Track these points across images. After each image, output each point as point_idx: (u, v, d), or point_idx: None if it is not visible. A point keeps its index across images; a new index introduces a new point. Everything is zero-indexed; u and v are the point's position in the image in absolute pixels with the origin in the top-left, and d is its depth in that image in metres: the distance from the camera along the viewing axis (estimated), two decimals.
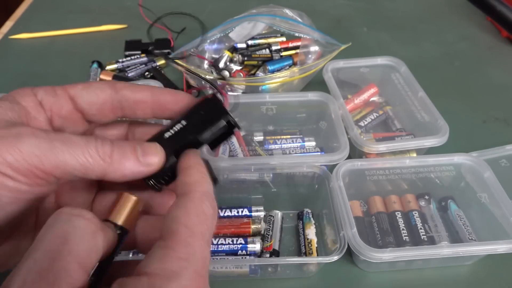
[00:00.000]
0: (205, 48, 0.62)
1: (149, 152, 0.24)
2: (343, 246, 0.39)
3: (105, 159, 0.22)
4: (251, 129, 0.57)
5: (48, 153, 0.21)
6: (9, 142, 0.20)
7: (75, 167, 0.22)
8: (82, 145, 0.22)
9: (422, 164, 0.47)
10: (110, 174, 0.23)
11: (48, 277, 0.17)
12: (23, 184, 0.21)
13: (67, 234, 0.19)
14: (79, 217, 0.20)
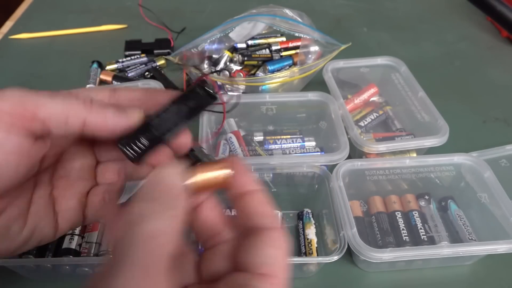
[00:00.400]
0: (205, 48, 0.62)
1: (129, 108, 0.25)
2: (343, 246, 0.39)
3: (85, 104, 0.23)
4: (251, 129, 0.57)
5: (30, 98, 0.22)
6: None
7: (55, 111, 0.23)
8: (63, 94, 0.23)
9: (422, 164, 0.47)
10: (91, 122, 0.23)
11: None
12: (9, 133, 0.22)
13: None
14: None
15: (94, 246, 0.42)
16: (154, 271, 0.16)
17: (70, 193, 0.28)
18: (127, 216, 0.18)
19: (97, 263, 0.40)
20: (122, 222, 0.18)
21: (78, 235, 0.43)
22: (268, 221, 0.20)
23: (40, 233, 0.26)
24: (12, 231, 0.25)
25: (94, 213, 0.28)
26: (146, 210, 0.18)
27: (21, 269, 0.41)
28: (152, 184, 0.19)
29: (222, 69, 0.63)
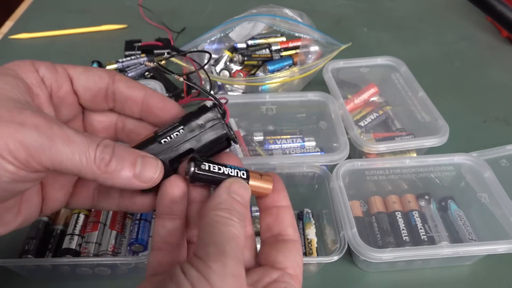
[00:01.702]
0: (205, 48, 0.62)
1: (149, 170, 0.24)
2: (343, 246, 0.39)
3: (100, 167, 0.23)
4: (251, 129, 0.57)
5: (47, 149, 0.21)
6: (13, 130, 0.21)
7: (69, 168, 0.22)
8: (82, 147, 0.22)
9: (422, 164, 0.47)
10: (100, 181, 0.23)
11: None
12: (21, 170, 0.21)
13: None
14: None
15: (94, 246, 0.42)
16: (242, 262, 0.21)
17: (59, 183, 0.27)
18: (214, 216, 0.22)
19: (97, 263, 0.40)
20: (210, 217, 0.23)
21: (78, 235, 0.43)
22: (296, 234, 0.27)
23: (29, 219, 0.26)
24: (6, 218, 0.25)
25: (78, 203, 0.28)
26: (230, 218, 0.23)
27: (21, 269, 0.41)
28: (229, 195, 0.24)
29: (222, 69, 0.63)
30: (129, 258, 0.40)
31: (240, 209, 0.24)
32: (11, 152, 0.21)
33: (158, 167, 0.25)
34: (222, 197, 0.24)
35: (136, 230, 0.43)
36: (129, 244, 0.43)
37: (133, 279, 0.43)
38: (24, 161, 0.21)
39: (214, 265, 0.20)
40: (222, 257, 0.20)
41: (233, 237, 0.22)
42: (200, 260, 0.20)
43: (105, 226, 0.44)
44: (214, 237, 0.21)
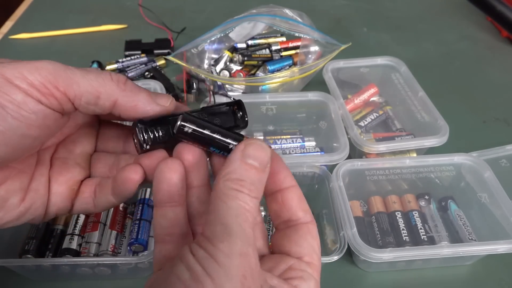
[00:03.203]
0: (205, 48, 0.62)
1: (162, 97, 0.25)
2: (343, 246, 0.39)
3: (119, 85, 0.23)
4: (251, 129, 0.57)
5: (63, 73, 0.22)
6: (28, 64, 0.22)
7: (87, 89, 0.23)
8: (97, 72, 0.23)
9: (422, 164, 0.47)
10: (121, 102, 0.24)
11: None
12: (33, 100, 0.22)
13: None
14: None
15: (94, 246, 0.42)
16: (252, 239, 0.20)
17: (63, 177, 0.27)
18: (223, 189, 0.21)
19: (97, 263, 0.40)
20: (218, 189, 0.21)
21: (78, 235, 0.43)
22: (308, 215, 0.24)
23: (33, 212, 0.26)
24: (9, 203, 0.25)
25: (81, 204, 0.28)
26: (240, 190, 0.21)
27: (21, 269, 0.41)
28: (243, 161, 0.22)
29: (222, 69, 0.63)
30: (129, 258, 0.40)
31: (254, 177, 0.21)
32: (26, 79, 0.21)
33: (170, 97, 0.25)
34: (234, 164, 0.22)
35: (136, 230, 0.43)
36: (129, 244, 0.43)
37: (133, 279, 0.43)
38: (40, 86, 0.22)
39: (220, 245, 0.19)
40: (228, 236, 0.19)
41: (241, 213, 0.20)
42: (207, 240, 0.20)
43: (105, 226, 0.44)
44: (221, 213, 0.20)
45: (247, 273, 0.19)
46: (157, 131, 0.25)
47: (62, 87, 0.22)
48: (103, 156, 0.29)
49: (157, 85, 0.54)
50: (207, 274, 0.19)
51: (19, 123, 0.22)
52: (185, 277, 0.19)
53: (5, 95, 0.21)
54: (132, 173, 0.25)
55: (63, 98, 0.22)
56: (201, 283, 0.18)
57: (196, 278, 0.19)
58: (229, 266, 0.19)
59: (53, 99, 0.22)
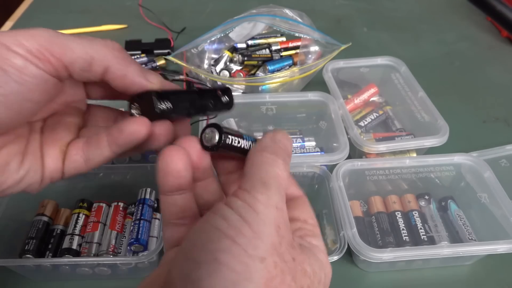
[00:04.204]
0: (205, 48, 0.62)
1: (151, 73, 0.26)
2: (343, 246, 0.39)
3: (113, 51, 0.24)
4: (251, 129, 0.57)
5: (58, 40, 0.23)
6: (24, 31, 0.23)
7: (81, 55, 0.24)
8: (91, 38, 0.24)
9: (422, 164, 0.47)
10: (113, 71, 0.25)
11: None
12: (32, 65, 0.22)
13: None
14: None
15: (94, 246, 0.42)
16: (283, 197, 0.22)
17: (53, 139, 0.28)
18: (261, 157, 0.23)
19: (97, 263, 0.40)
20: (256, 158, 0.23)
21: (78, 235, 0.43)
22: (300, 191, 0.27)
23: (31, 176, 0.26)
24: (10, 167, 0.25)
25: (72, 164, 0.28)
26: (275, 159, 0.23)
27: (21, 269, 0.41)
28: (273, 141, 0.24)
29: (222, 69, 0.63)
30: (129, 258, 0.40)
31: (284, 154, 0.24)
32: (23, 45, 0.22)
33: (159, 76, 0.26)
34: (268, 142, 0.24)
35: (136, 230, 0.43)
36: (129, 244, 0.43)
37: (133, 279, 0.43)
38: (37, 52, 0.22)
39: (259, 196, 0.20)
40: (267, 190, 0.21)
41: (277, 176, 0.22)
42: (246, 191, 0.21)
43: (105, 226, 0.44)
44: (260, 174, 0.22)
45: (281, 224, 0.20)
46: (167, 102, 0.25)
47: (57, 53, 0.23)
48: (93, 128, 0.30)
49: None
50: (244, 221, 0.19)
51: (21, 87, 0.23)
52: (223, 226, 0.19)
53: (6, 60, 0.22)
54: (141, 125, 0.25)
55: (59, 63, 0.23)
56: (239, 228, 0.19)
57: (234, 225, 0.19)
58: (267, 214, 0.20)
59: (49, 64, 0.23)
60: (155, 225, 0.45)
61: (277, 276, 0.19)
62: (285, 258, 0.20)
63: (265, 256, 0.19)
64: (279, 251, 0.19)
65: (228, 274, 0.18)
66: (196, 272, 0.18)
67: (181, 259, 0.20)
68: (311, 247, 0.23)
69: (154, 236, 0.44)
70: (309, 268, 0.21)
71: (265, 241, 0.19)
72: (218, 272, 0.18)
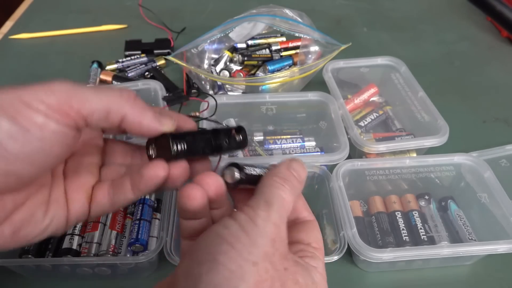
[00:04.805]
0: (205, 48, 0.62)
1: (165, 117, 0.28)
2: (343, 246, 0.39)
3: (128, 101, 0.26)
4: (251, 129, 0.57)
5: (76, 93, 0.24)
6: (43, 86, 0.24)
7: (99, 107, 0.25)
8: (107, 89, 0.25)
9: (422, 164, 0.47)
10: (129, 118, 0.26)
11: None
12: (52, 121, 0.23)
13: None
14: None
15: (94, 246, 0.42)
16: (285, 219, 0.24)
17: (78, 185, 0.29)
18: (271, 181, 0.25)
19: (97, 263, 0.40)
20: (267, 181, 0.26)
21: (78, 235, 0.43)
22: (311, 215, 0.29)
23: (56, 223, 0.28)
24: (36, 217, 0.26)
25: (98, 206, 0.29)
26: (283, 184, 0.25)
27: (21, 269, 0.41)
28: (288, 168, 0.27)
29: (222, 69, 0.63)
30: (129, 258, 0.40)
31: (295, 182, 0.26)
32: (43, 101, 0.23)
33: (173, 119, 0.28)
34: (281, 169, 0.26)
35: (136, 230, 0.43)
36: (129, 244, 0.43)
37: (133, 279, 0.43)
38: (57, 107, 0.23)
39: (260, 212, 0.23)
40: (269, 208, 0.23)
41: (281, 198, 0.25)
42: (249, 207, 0.23)
43: (105, 226, 0.44)
44: (265, 195, 0.24)
45: (277, 238, 0.23)
46: (183, 144, 0.27)
47: (76, 106, 0.24)
48: (113, 167, 0.31)
49: (157, 85, 0.53)
50: (243, 231, 0.22)
51: (42, 143, 0.23)
52: (224, 233, 0.22)
53: (27, 119, 0.23)
54: (159, 169, 0.28)
55: (78, 116, 0.24)
56: (238, 236, 0.22)
57: (233, 233, 0.22)
58: (264, 228, 0.22)
59: (69, 118, 0.24)
60: (155, 225, 0.45)
61: (267, 280, 0.21)
62: (277, 267, 0.22)
63: (257, 261, 0.21)
64: (271, 260, 0.22)
65: (224, 272, 0.21)
66: (197, 269, 0.21)
67: (186, 260, 0.23)
68: (308, 267, 0.25)
69: (154, 236, 0.44)
70: (301, 279, 0.23)
71: (259, 249, 0.22)
72: (216, 270, 0.21)
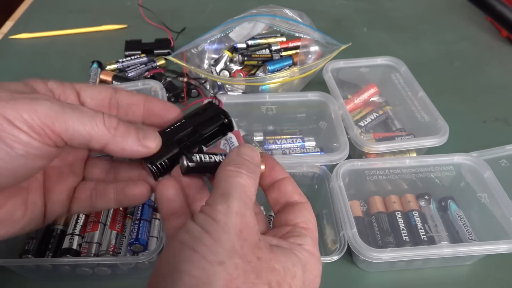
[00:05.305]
0: (205, 48, 0.62)
1: (149, 137, 0.27)
2: (343, 246, 0.39)
3: (110, 130, 0.25)
4: (251, 129, 0.57)
5: (60, 116, 0.24)
6: (27, 103, 0.23)
7: (81, 133, 0.24)
8: (91, 114, 0.25)
9: (422, 164, 0.47)
10: (111, 146, 0.25)
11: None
12: (35, 140, 0.23)
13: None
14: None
15: (94, 246, 0.42)
16: (249, 205, 0.23)
17: (61, 187, 0.29)
18: (224, 171, 0.24)
19: (97, 263, 0.40)
20: (221, 173, 0.24)
21: (78, 235, 0.43)
22: (302, 197, 0.28)
23: (34, 222, 0.28)
24: (15, 216, 0.27)
25: (78, 207, 0.30)
26: (238, 171, 0.24)
27: (21, 269, 0.41)
28: (238, 155, 0.25)
29: (222, 69, 0.63)
30: (129, 258, 0.40)
31: (250, 165, 0.25)
32: (27, 122, 0.23)
33: (157, 135, 0.27)
34: (232, 157, 0.25)
35: (136, 230, 0.43)
36: (129, 244, 0.43)
37: (133, 279, 0.43)
38: (38, 129, 0.23)
39: (219, 207, 0.22)
40: (227, 199, 0.22)
41: (238, 184, 0.23)
42: (208, 205, 0.22)
43: (105, 226, 0.44)
44: (222, 187, 0.23)
45: (244, 228, 0.22)
46: (164, 164, 0.27)
47: (57, 130, 0.24)
48: (99, 161, 0.31)
49: (157, 85, 0.53)
50: (205, 231, 0.21)
51: (27, 159, 0.24)
52: (185, 239, 0.21)
53: (11, 137, 0.23)
54: (143, 190, 0.28)
55: (58, 139, 0.24)
56: (200, 239, 0.21)
57: (194, 237, 0.21)
58: (226, 222, 0.21)
59: (50, 140, 0.24)
60: (155, 225, 0.45)
61: (238, 276, 0.20)
62: (248, 259, 0.21)
63: (224, 259, 0.20)
64: (240, 253, 0.21)
65: (188, 280, 0.20)
66: (162, 284, 0.20)
67: (152, 275, 0.22)
68: (291, 247, 0.24)
69: (154, 236, 0.44)
70: (278, 265, 0.22)
71: (224, 246, 0.21)
72: (180, 281, 0.20)
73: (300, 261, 0.23)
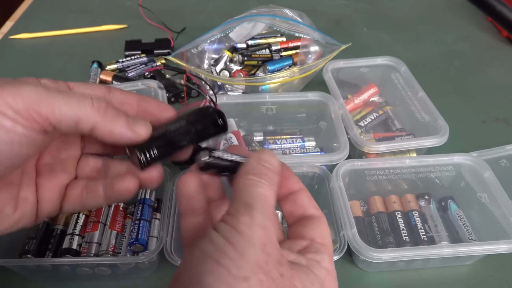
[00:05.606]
0: (205, 48, 0.62)
1: (139, 123, 0.26)
2: (343, 246, 0.39)
3: (99, 111, 0.24)
4: (251, 129, 0.57)
5: (46, 99, 0.23)
6: (12, 87, 0.23)
7: (68, 115, 0.23)
8: (78, 97, 0.24)
9: (422, 164, 0.47)
10: (99, 127, 0.24)
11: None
12: (20, 126, 0.23)
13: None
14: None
15: (94, 246, 0.42)
16: (271, 218, 0.22)
17: (52, 184, 0.28)
18: (245, 180, 0.24)
19: (97, 263, 0.40)
20: (241, 181, 0.24)
21: (78, 235, 0.43)
22: (318, 211, 0.27)
23: (26, 218, 0.27)
24: (6, 212, 0.26)
25: (70, 206, 0.29)
26: (259, 181, 0.24)
27: (21, 269, 0.41)
28: (258, 162, 0.25)
29: (222, 69, 0.63)
30: (129, 258, 0.40)
31: (270, 174, 0.24)
32: (11, 107, 0.22)
33: (147, 122, 0.26)
34: (252, 164, 0.25)
35: (136, 230, 0.43)
36: (129, 244, 0.43)
37: (133, 279, 0.43)
38: (24, 113, 0.22)
39: (242, 218, 0.21)
40: (250, 211, 0.22)
41: (261, 196, 0.23)
42: (230, 215, 0.22)
43: (105, 226, 0.44)
44: (244, 197, 0.23)
45: (267, 242, 0.21)
46: (152, 153, 0.26)
47: (44, 113, 0.23)
48: (91, 160, 0.31)
49: (157, 85, 0.53)
50: (229, 243, 0.20)
51: (11, 146, 0.23)
52: (209, 249, 0.20)
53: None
54: (130, 183, 0.27)
55: (45, 122, 0.23)
56: (223, 251, 0.20)
57: (219, 248, 0.20)
58: (251, 235, 0.21)
59: (36, 123, 0.23)
60: (155, 225, 0.45)
61: None
62: (272, 275, 0.20)
63: (249, 275, 0.20)
64: (265, 269, 0.20)
65: None
66: None
67: (172, 282, 0.21)
68: (308, 263, 0.23)
69: (154, 236, 0.44)
70: (298, 283, 0.22)
71: (249, 261, 0.20)
72: None
73: (317, 279, 0.23)
